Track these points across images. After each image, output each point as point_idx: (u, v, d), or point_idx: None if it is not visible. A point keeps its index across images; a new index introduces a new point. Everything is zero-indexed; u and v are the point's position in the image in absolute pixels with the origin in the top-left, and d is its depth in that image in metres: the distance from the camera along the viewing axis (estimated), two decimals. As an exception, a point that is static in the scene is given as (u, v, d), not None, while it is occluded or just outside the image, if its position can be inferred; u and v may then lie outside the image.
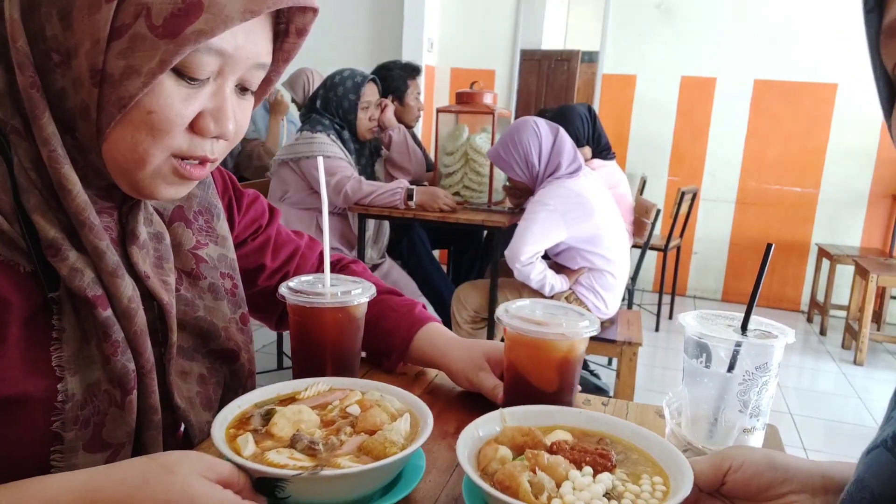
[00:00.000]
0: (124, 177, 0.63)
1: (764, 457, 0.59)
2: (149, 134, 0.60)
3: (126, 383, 0.65)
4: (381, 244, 3.06)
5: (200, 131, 0.63)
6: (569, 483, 0.57)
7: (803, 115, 4.67)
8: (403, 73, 3.35)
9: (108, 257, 0.63)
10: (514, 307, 0.80)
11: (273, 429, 0.64)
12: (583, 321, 0.77)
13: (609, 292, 2.59)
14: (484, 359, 0.88)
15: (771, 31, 4.61)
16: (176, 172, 0.64)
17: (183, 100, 0.60)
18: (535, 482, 0.55)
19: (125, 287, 0.65)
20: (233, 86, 0.64)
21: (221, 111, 0.63)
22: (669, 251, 4.24)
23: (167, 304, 0.70)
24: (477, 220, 2.71)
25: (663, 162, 4.99)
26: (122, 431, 0.65)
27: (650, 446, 0.64)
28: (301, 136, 2.78)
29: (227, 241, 0.83)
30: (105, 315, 0.63)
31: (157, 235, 0.74)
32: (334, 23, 5.09)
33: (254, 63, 0.64)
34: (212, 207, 0.82)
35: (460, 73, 5.35)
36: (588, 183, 2.53)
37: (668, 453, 0.62)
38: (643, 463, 0.63)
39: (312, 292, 0.82)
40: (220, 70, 0.62)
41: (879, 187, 4.62)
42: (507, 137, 2.58)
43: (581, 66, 6.81)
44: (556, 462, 0.58)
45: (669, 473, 0.60)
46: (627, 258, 2.71)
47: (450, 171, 3.02)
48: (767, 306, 4.89)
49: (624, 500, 0.56)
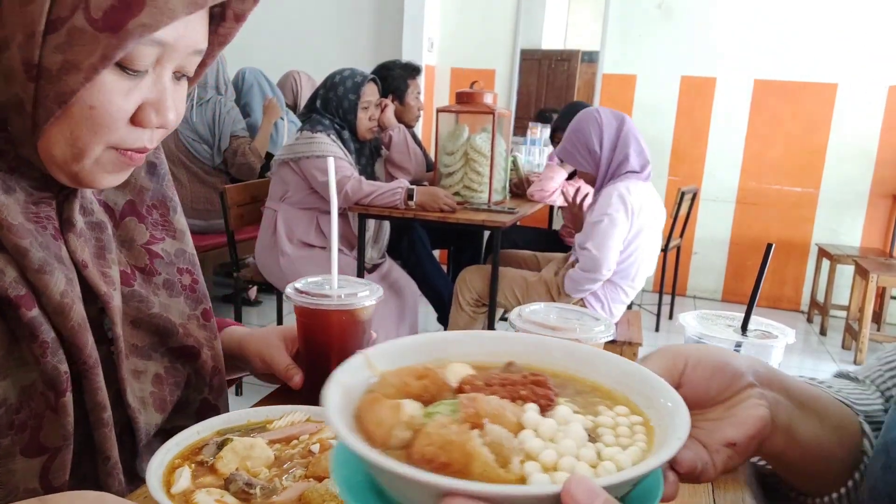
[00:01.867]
0: (61, 169, 0.61)
1: (719, 351, 0.52)
2: (89, 129, 0.58)
3: (58, 385, 0.61)
4: (381, 244, 3.05)
5: (142, 123, 0.61)
6: (528, 433, 0.38)
7: (803, 115, 4.66)
8: (403, 73, 3.35)
9: (32, 255, 0.60)
10: (527, 311, 0.79)
11: (218, 463, 0.58)
12: (598, 326, 0.76)
13: (617, 304, 2.59)
14: (278, 338, 0.87)
15: (771, 31, 4.61)
16: (117, 162, 0.63)
17: (124, 93, 0.59)
18: (494, 444, 0.35)
19: (55, 283, 0.61)
20: (170, 75, 0.63)
21: (162, 102, 0.62)
22: (669, 251, 4.23)
23: (105, 296, 0.67)
24: (477, 220, 2.71)
25: (663, 162, 4.99)
26: (57, 434, 0.62)
27: (591, 368, 0.47)
28: (301, 136, 2.78)
29: (185, 235, 0.80)
30: (30, 315, 0.59)
31: (98, 225, 0.71)
32: (334, 23, 5.09)
33: (192, 50, 0.63)
34: (167, 200, 0.79)
35: (460, 72, 5.34)
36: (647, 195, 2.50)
37: (628, 373, 0.45)
38: (589, 391, 0.46)
39: (318, 294, 0.81)
40: (158, 60, 0.60)
41: (879, 187, 4.61)
42: (569, 128, 2.58)
43: (581, 66, 6.80)
44: (499, 406, 0.39)
45: (639, 402, 0.44)
46: (644, 280, 2.68)
47: (450, 171, 3.02)
48: (767, 306, 4.88)
49: (605, 438, 0.39)
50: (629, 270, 2.51)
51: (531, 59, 6.59)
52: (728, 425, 0.48)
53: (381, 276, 2.97)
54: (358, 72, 2.87)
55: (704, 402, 0.49)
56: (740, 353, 0.52)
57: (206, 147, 3.58)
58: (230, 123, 3.57)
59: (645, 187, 2.48)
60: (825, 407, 0.55)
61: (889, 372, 0.63)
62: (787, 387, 0.52)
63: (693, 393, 0.48)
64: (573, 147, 2.54)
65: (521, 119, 5.07)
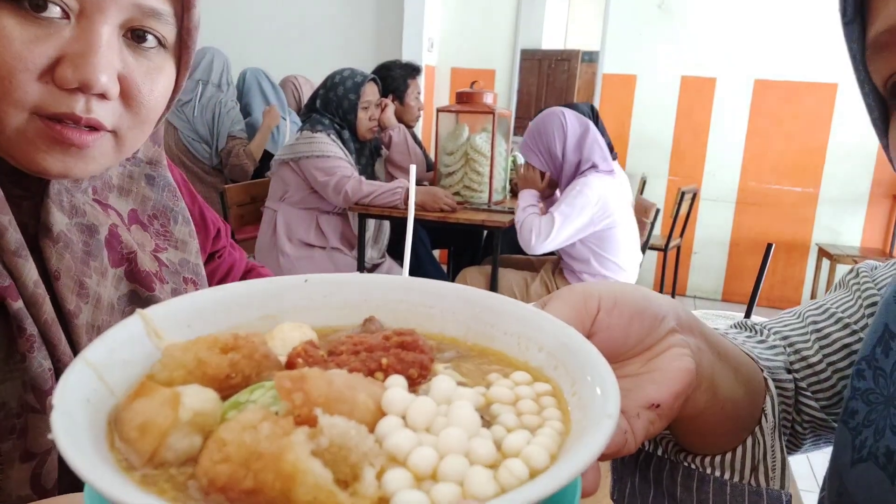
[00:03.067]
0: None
1: (635, 289, 0.41)
2: None
3: (43, 383, 0.57)
4: (382, 244, 3.06)
5: (59, 81, 0.52)
6: (392, 422, 0.26)
7: (803, 115, 4.66)
8: (403, 73, 3.36)
9: (10, 234, 0.55)
10: None
11: None
12: None
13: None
14: None
15: (771, 31, 4.61)
16: (46, 136, 0.54)
17: (26, 40, 0.51)
18: (333, 448, 0.23)
19: (29, 269, 0.56)
20: (113, 32, 0.55)
21: (85, 55, 0.52)
22: (669, 251, 4.24)
23: (69, 312, 0.60)
24: (477, 220, 2.71)
25: (663, 162, 4.99)
26: (44, 438, 0.58)
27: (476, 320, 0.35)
28: (301, 136, 2.78)
29: (187, 246, 0.76)
30: (16, 307, 0.56)
31: (89, 228, 0.64)
32: (334, 22, 5.09)
33: (133, 3, 0.55)
34: (167, 210, 0.75)
35: (460, 72, 5.34)
36: (620, 186, 2.54)
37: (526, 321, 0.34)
38: (477, 354, 0.34)
39: None
40: (81, 7, 0.53)
41: (879, 187, 4.61)
42: (532, 126, 2.60)
43: (581, 66, 6.81)
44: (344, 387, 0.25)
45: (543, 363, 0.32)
46: (637, 266, 2.71)
47: (450, 170, 3.02)
48: (767, 306, 4.88)
49: (503, 419, 0.28)
50: (617, 249, 2.53)
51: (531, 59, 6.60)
52: (649, 382, 0.38)
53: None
54: (358, 72, 2.87)
55: (620, 355, 0.40)
56: (660, 295, 0.42)
57: (205, 147, 3.59)
58: (229, 123, 3.58)
59: (611, 180, 2.51)
60: (736, 359, 0.47)
61: (815, 334, 0.59)
62: (706, 333, 0.44)
63: (608, 343, 0.38)
64: (534, 145, 2.58)
65: (521, 119, 5.07)
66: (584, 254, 2.54)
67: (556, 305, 0.38)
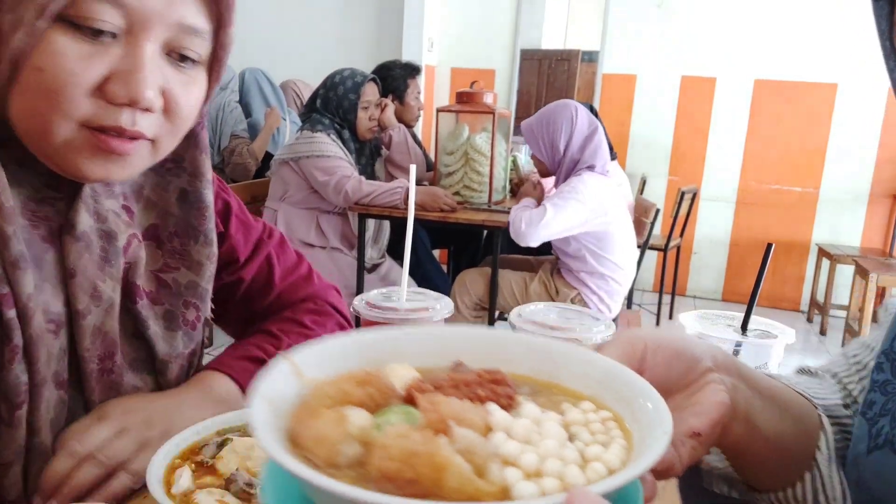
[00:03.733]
0: (39, 150, 0.58)
1: (675, 336, 0.49)
2: (43, 97, 0.54)
3: (15, 396, 0.58)
4: (382, 244, 3.06)
5: (109, 96, 0.56)
6: (500, 435, 0.34)
7: (803, 115, 4.67)
8: (403, 73, 3.35)
9: (13, 245, 0.56)
10: (527, 311, 0.77)
11: (218, 463, 0.57)
12: (598, 326, 0.75)
13: (613, 298, 2.60)
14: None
15: (771, 31, 4.61)
16: (92, 145, 0.57)
17: (79, 58, 0.54)
18: (466, 450, 0.31)
19: (26, 282, 0.57)
20: (157, 50, 0.58)
21: (133, 73, 0.56)
22: (669, 251, 4.24)
23: (79, 312, 0.62)
24: (477, 219, 2.71)
25: (663, 162, 4.99)
26: (9, 450, 0.59)
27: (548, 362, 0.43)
28: (301, 136, 2.78)
29: (202, 268, 0.74)
30: (9, 316, 0.57)
31: (108, 234, 0.66)
32: (334, 22, 5.09)
33: (176, 23, 0.58)
34: (190, 229, 0.74)
35: (460, 72, 5.34)
36: (616, 186, 2.55)
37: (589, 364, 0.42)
38: (546, 389, 0.42)
39: (385, 307, 0.77)
40: (128, 28, 0.56)
41: (879, 187, 4.61)
42: (543, 113, 2.58)
43: (581, 66, 6.81)
44: (464, 408, 0.35)
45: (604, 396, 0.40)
46: (634, 265, 2.71)
47: (450, 170, 3.02)
48: (767, 306, 4.88)
49: (581, 436, 0.36)
50: (613, 246, 2.53)
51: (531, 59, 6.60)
52: (690, 415, 0.45)
53: (380, 276, 2.97)
54: (358, 71, 2.87)
55: (665, 391, 0.44)
56: (698, 340, 0.50)
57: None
58: (232, 123, 3.58)
59: (606, 180, 2.51)
60: (784, 398, 0.53)
61: (855, 366, 0.62)
62: (746, 374, 0.50)
63: (653, 381, 0.43)
64: (539, 132, 2.56)
65: (521, 119, 5.06)
66: (580, 252, 2.54)
67: (610, 350, 0.46)
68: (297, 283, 0.92)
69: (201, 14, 0.61)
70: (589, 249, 2.53)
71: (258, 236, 0.89)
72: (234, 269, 0.86)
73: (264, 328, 0.85)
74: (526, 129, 2.64)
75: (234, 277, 0.86)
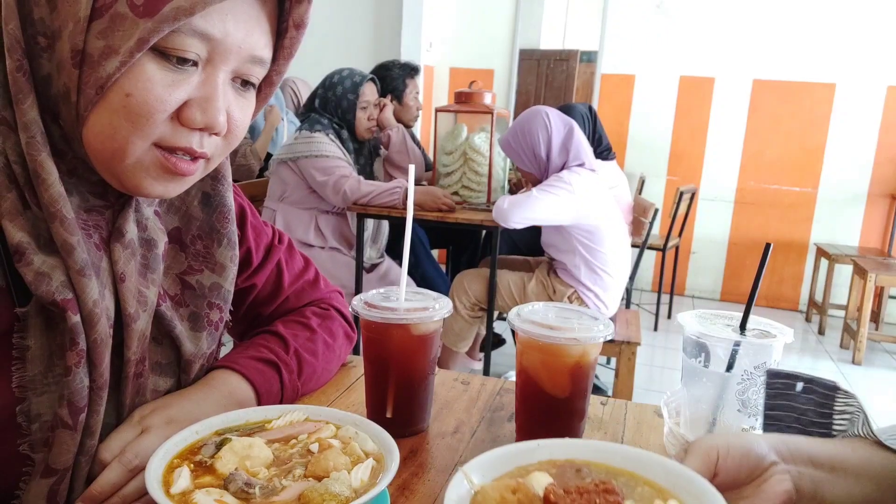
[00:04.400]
0: (107, 168, 0.60)
1: (739, 437, 0.58)
2: (127, 119, 0.57)
3: (79, 400, 0.60)
4: (380, 244, 3.06)
5: (186, 121, 0.59)
6: None
7: (802, 115, 4.67)
8: (402, 73, 3.35)
9: (78, 254, 0.59)
10: (526, 310, 0.77)
11: (217, 463, 0.57)
12: (596, 325, 0.74)
13: (608, 293, 2.59)
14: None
15: (769, 32, 4.62)
16: (160, 166, 0.60)
17: (166, 85, 0.57)
18: None
19: (91, 289, 0.60)
20: (227, 78, 0.61)
21: (210, 101, 0.60)
22: (668, 251, 4.24)
23: (129, 316, 0.65)
24: (476, 219, 2.71)
25: (662, 162, 5.00)
26: (68, 455, 0.61)
27: (648, 467, 0.56)
28: (300, 136, 2.78)
29: (226, 271, 0.77)
30: (74, 320, 0.59)
31: (149, 242, 0.69)
32: (333, 22, 5.09)
33: (248, 55, 0.61)
34: (213, 232, 0.76)
35: (459, 72, 5.35)
36: (604, 181, 2.56)
37: (675, 472, 0.54)
38: (640, 485, 0.55)
39: (384, 307, 0.77)
40: (209, 58, 0.59)
41: (878, 187, 4.62)
42: (516, 126, 2.58)
43: (580, 66, 6.81)
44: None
45: (683, 496, 0.52)
46: (628, 260, 2.71)
47: (448, 170, 3.02)
48: (766, 306, 4.89)
49: None
50: (602, 239, 2.53)
51: (530, 59, 6.60)
52: (759, 502, 0.55)
53: (379, 275, 2.97)
54: (357, 71, 2.87)
55: (738, 484, 0.57)
56: (760, 436, 0.59)
57: (208, 146, 3.60)
58: None
59: (595, 176, 2.52)
60: (857, 465, 0.59)
61: None
62: (812, 457, 0.58)
63: (728, 478, 0.56)
64: (518, 146, 2.56)
65: (519, 119, 5.07)
66: (572, 245, 2.54)
67: (691, 458, 0.56)
68: (304, 288, 0.95)
69: (268, 46, 0.64)
70: (581, 242, 2.52)
71: (269, 241, 0.91)
72: (249, 275, 0.87)
73: (272, 329, 0.87)
74: (504, 145, 2.63)
75: (248, 283, 0.87)
